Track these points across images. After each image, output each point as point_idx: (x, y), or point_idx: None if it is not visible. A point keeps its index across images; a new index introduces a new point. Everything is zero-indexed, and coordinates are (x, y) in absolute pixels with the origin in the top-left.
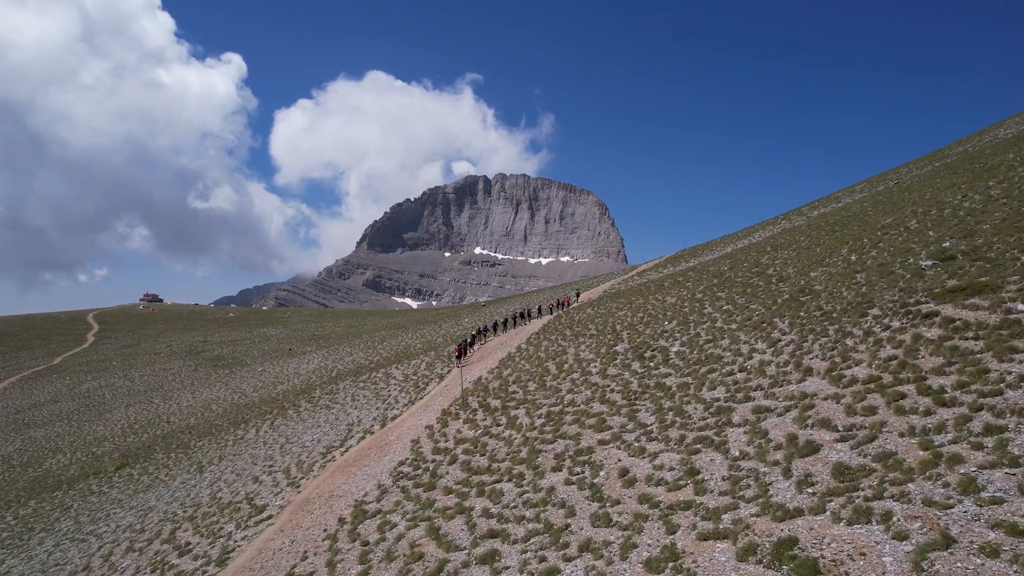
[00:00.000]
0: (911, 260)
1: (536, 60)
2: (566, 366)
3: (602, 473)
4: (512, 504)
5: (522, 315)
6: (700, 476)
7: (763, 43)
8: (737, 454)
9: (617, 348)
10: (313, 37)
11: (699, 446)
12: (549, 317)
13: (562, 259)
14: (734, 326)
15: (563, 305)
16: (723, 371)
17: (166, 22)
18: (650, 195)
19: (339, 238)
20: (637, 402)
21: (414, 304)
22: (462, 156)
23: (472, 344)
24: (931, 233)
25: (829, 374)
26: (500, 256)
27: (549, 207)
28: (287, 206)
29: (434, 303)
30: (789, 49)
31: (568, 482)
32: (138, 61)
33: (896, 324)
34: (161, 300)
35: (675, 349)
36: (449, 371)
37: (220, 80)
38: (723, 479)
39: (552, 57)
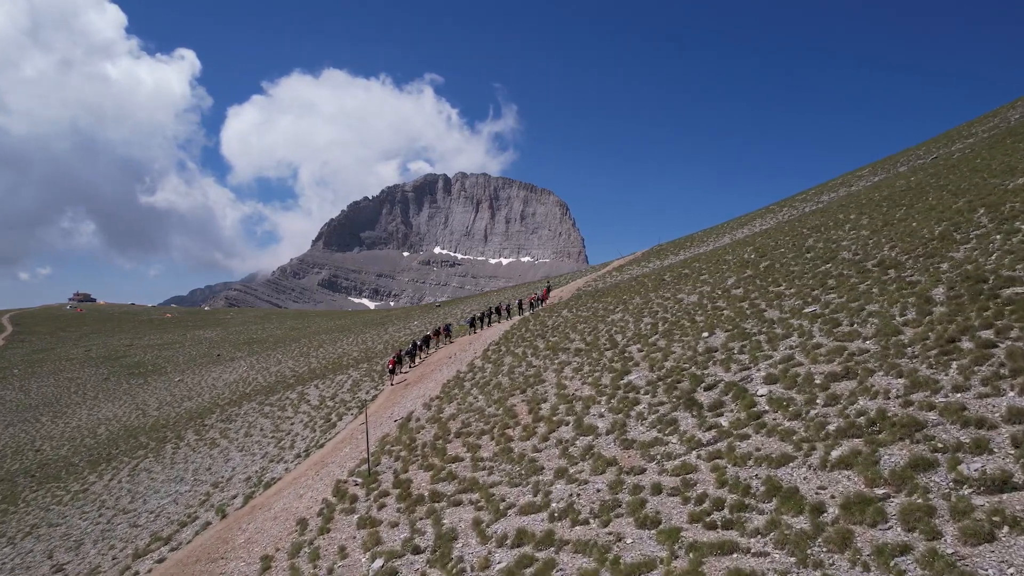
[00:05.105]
0: None
1: (499, 59)
2: (545, 408)
3: None
4: None
5: (497, 310)
6: None
7: (733, 44)
8: None
9: (632, 377)
10: (270, 33)
11: None
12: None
13: (523, 259)
14: (868, 343)
15: (543, 301)
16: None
17: (116, 16)
18: (611, 197)
19: (300, 235)
20: (746, 545)
21: (371, 304)
22: (423, 155)
23: (422, 348)
24: None
25: None
26: (460, 256)
27: (510, 207)
28: (244, 205)
29: (392, 304)
30: (760, 50)
31: None
32: (85, 55)
33: None
34: (94, 300)
35: (761, 391)
36: (374, 397)
37: (173, 76)
38: None
39: (516, 56)
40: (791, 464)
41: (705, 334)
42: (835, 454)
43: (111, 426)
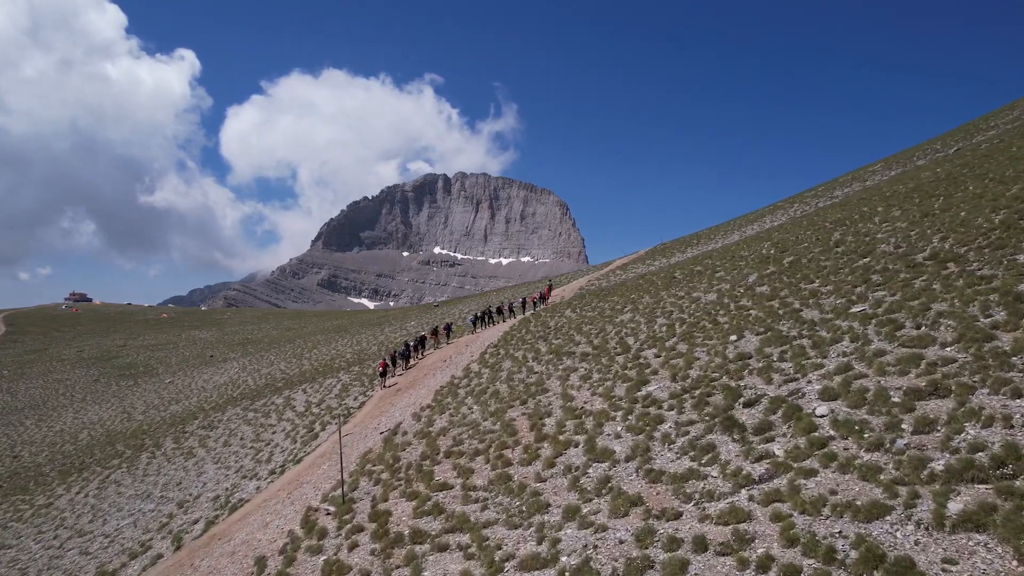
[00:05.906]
0: None
1: (499, 59)
2: (550, 424)
3: None
4: None
5: (499, 310)
6: None
7: (733, 44)
8: None
9: (651, 388)
10: (269, 33)
11: None
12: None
13: (523, 259)
14: (951, 350)
15: (545, 300)
16: None
17: (116, 16)
18: (611, 197)
19: (300, 235)
20: None
21: (371, 304)
22: (423, 155)
23: (416, 350)
24: None
25: None
26: (460, 256)
27: (510, 207)
28: (244, 205)
29: (392, 304)
30: (760, 50)
31: None
32: (85, 55)
33: None
34: (90, 300)
35: (820, 409)
36: (361, 405)
37: (173, 76)
38: None
39: (516, 56)
40: (888, 518)
41: (733, 337)
42: (954, 507)
43: (94, 431)
